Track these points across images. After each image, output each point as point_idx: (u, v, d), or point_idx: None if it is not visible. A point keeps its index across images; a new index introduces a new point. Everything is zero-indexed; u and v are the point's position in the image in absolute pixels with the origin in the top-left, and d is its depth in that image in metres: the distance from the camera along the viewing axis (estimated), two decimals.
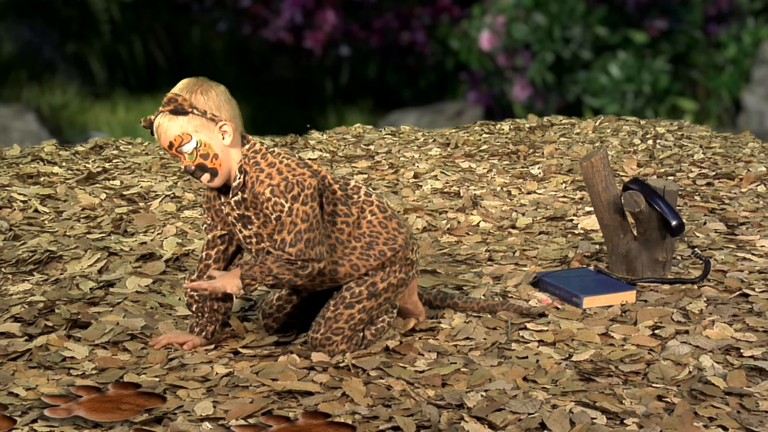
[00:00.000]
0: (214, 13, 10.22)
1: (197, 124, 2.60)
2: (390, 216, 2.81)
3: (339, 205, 2.74)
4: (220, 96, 2.63)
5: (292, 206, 2.60)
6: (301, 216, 2.60)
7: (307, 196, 2.61)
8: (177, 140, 2.60)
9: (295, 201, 2.60)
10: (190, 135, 2.60)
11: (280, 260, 2.61)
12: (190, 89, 2.61)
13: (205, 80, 2.64)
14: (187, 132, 2.60)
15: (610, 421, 2.36)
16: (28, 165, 5.32)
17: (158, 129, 2.62)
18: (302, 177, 2.61)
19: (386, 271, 2.78)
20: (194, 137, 2.60)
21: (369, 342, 2.83)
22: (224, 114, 2.62)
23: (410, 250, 2.81)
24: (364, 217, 2.78)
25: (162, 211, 4.44)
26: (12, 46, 9.70)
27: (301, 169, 2.62)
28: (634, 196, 3.34)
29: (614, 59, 9.67)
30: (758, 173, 5.22)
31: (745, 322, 3.04)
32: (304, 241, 2.60)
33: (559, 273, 3.41)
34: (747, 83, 9.77)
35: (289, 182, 2.60)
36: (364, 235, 2.77)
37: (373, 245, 2.76)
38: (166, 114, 2.60)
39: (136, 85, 9.90)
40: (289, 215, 2.59)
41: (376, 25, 10.29)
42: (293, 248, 2.60)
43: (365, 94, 10.23)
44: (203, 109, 2.60)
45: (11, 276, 3.50)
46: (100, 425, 2.33)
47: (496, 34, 9.91)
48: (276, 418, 2.35)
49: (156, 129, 2.63)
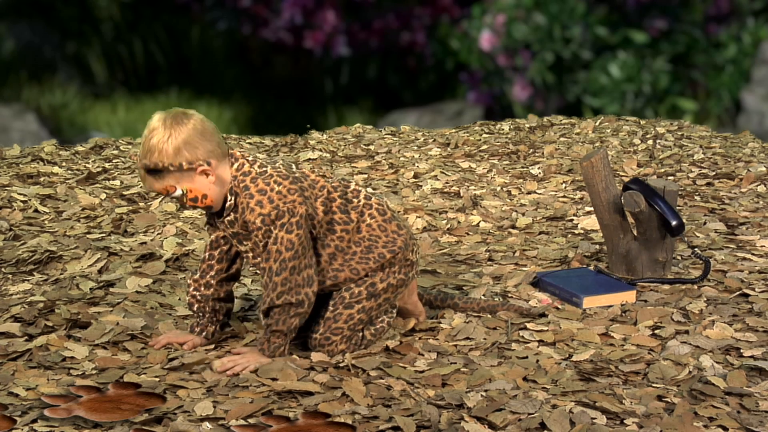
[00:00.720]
0: (214, 12, 10.21)
1: (177, 176, 2.60)
2: (389, 218, 2.81)
3: (338, 214, 2.75)
4: (193, 133, 2.58)
5: (278, 233, 2.62)
6: (285, 245, 2.62)
7: (292, 224, 2.62)
8: (164, 191, 2.62)
9: (283, 230, 2.62)
10: (174, 186, 2.61)
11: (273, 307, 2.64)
12: (161, 141, 2.57)
13: (177, 116, 2.59)
14: (170, 184, 2.61)
15: (610, 421, 2.36)
16: (28, 165, 5.32)
17: (143, 181, 2.63)
18: (292, 205, 2.63)
19: (386, 272, 2.78)
20: (178, 187, 2.61)
21: (368, 342, 2.83)
22: (201, 152, 2.58)
23: (410, 251, 2.82)
24: (363, 221, 2.78)
25: (162, 211, 4.44)
26: (12, 46, 9.70)
27: (291, 196, 2.63)
28: (634, 196, 3.34)
29: (614, 59, 9.67)
30: (758, 173, 5.22)
31: (745, 322, 3.04)
32: (289, 269, 2.62)
33: (559, 273, 3.41)
34: (747, 83, 9.77)
35: (279, 210, 2.62)
36: (363, 239, 2.77)
37: (373, 248, 2.77)
38: (140, 170, 2.63)
39: (136, 85, 9.90)
40: (275, 243, 2.62)
41: (376, 25, 10.29)
42: (279, 277, 2.62)
43: (365, 94, 10.23)
44: (178, 163, 2.58)
45: (11, 276, 3.50)
46: (100, 425, 2.33)
47: (496, 34, 9.91)
48: (276, 418, 2.35)
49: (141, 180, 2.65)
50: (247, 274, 3.55)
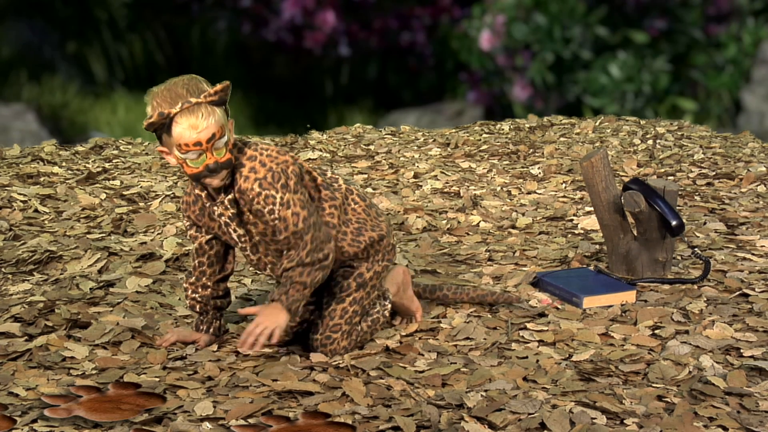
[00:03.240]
0: (214, 12, 10.21)
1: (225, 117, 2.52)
2: (370, 204, 2.86)
3: (323, 191, 2.74)
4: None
5: (284, 196, 2.56)
6: (298, 204, 2.58)
7: (292, 184, 2.57)
8: (218, 133, 2.49)
9: (286, 190, 2.56)
10: (224, 128, 2.51)
11: (301, 265, 2.59)
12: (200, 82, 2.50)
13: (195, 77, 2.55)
14: (223, 125, 2.50)
15: (610, 421, 2.36)
16: (28, 165, 5.32)
17: (199, 120, 2.47)
18: (285, 165, 2.58)
19: (370, 261, 2.81)
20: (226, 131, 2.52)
21: (365, 333, 2.82)
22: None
23: (391, 236, 2.89)
24: (348, 204, 2.79)
25: (162, 211, 4.44)
26: (12, 45, 9.70)
27: (283, 156, 2.59)
28: (634, 196, 3.34)
29: (614, 59, 9.67)
30: (758, 173, 5.22)
31: (745, 322, 3.04)
32: (312, 226, 2.59)
33: (559, 273, 3.41)
34: (747, 83, 9.77)
35: (274, 172, 2.56)
36: (351, 221, 2.79)
37: (363, 231, 2.80)
38: (207, 105, 2.49)
39: (136, 85, 9.90)
40: (288, 207, 2.57)
41: (376, 26, 10.29)
42: (307, 235, 2.58)
43: (365, 94, 10.23)
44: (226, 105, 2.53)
45: (11, 276, 3.50)
46: (100, 425, 2.33)
47: (496, 34, 9.91)
48: (276, 418, 2.35)
49: (196, 121, 2.46)
50: (247, 274, 3.55)
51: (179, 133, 2.48)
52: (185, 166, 2.53)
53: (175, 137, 2.48)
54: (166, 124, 2.49)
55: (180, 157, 2.51)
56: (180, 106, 2.46)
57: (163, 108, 2.47)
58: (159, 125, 2.49)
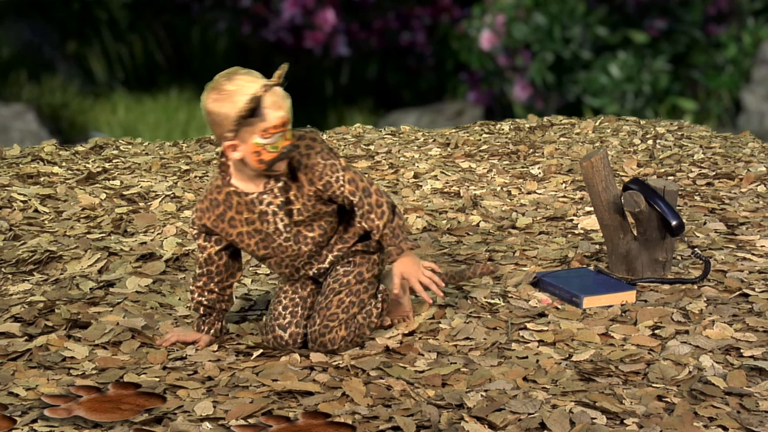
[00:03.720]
0: (214, 12, 10.21)
1: None
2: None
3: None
4: None
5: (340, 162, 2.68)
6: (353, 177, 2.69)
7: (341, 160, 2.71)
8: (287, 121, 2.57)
9: (337, 157, 2.69)
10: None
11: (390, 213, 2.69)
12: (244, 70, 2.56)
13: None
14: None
15: (610, 421, 2.36)
16: (28, 165, 5.32)
17: (282, 100, 2.52)
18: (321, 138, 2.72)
19: (371, 263, 2.82)
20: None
21: (360, 325, 2.82)
22: None
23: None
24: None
25: (162, 211, 4.44)
26: (12, 45, 9.70)
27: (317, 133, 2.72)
28: (634, 196, 3.34)
29: (614, 59, 9.67)
30: (758, 173, 5.22)
31: (745, 322, 3.04)
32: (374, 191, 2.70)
33: (559, 273, 3.41)
34: (747, 83, 9.77)
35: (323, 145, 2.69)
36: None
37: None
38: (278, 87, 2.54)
39: (136, 85, 9.90)
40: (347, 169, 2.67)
41: (376, 25, 10.30)
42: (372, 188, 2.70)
43: (365, 94, 10.23)
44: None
45: (11, 276, 3.50)
46: (100, 425, 2.33)
47: (496, 34, 9.91)
48: (276, 418, 2.35)
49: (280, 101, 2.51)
50: (247, 274, 3.55)
51: (267, 116, 2.50)
52: (262, 154, 2.54)
53: (263, 121, 2.51)
54: (255, 108, 2.49)
55: (261, 144, 2.53)
56: (263, 87, 2.48)
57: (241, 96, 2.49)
58: (250, 111, 2.49)
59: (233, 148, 2.55)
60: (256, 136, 2.51)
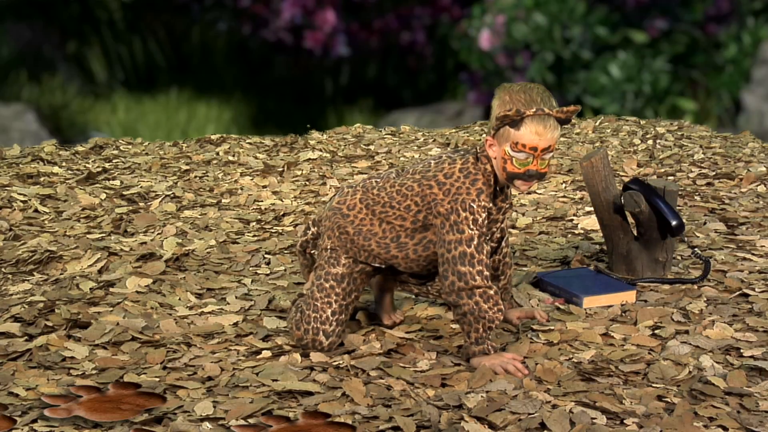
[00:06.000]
0: (214, 13, 10.21)
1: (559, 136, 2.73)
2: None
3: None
4: None
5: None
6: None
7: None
8: (552, 146, 2.66)
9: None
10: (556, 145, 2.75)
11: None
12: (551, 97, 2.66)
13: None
14: (557, 142, 2.78)
15: (610, 421, 2.36)
16: (28, 165, 5.32)
17: (545, 129, 2.62)
18: None
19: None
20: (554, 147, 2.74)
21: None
22: None
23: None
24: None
25: (162, 211, 4.44)
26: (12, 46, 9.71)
27: None
28: (634, 196, 3.34)
29: (614, 59, 9.67)
30: (758, 173, 5.22)
31: (745, 322, 3.04)
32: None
33: (559, 273, 3.41)
34: (747, 83, 9.77)
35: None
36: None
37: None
38: (554, 119, 2.63)
39: (136, 85, 9.90)
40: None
41: (376, 25, 10.30)
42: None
43: (365, 94, 10.23)
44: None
45: (11, 276, 3.50)
46: (100, 425, 2.33)
47: (496, 34, 9.91)
48: (276, 418, 2.35)
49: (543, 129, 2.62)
50: (247, 274, 3.55)
51: (522, 134, 2.63)
52: (507, 163, 2.67)
53: (517, 135, 2.63)
54: (516, 120, 2.63)
55: (508, 153, 2.65)
56: (534, 110, 2.61)
57: (519, 106, 2.63)
58: (510, 120, 2.63)
59: (490, 145, 2.71)
60: (508, 145, 2.64)
